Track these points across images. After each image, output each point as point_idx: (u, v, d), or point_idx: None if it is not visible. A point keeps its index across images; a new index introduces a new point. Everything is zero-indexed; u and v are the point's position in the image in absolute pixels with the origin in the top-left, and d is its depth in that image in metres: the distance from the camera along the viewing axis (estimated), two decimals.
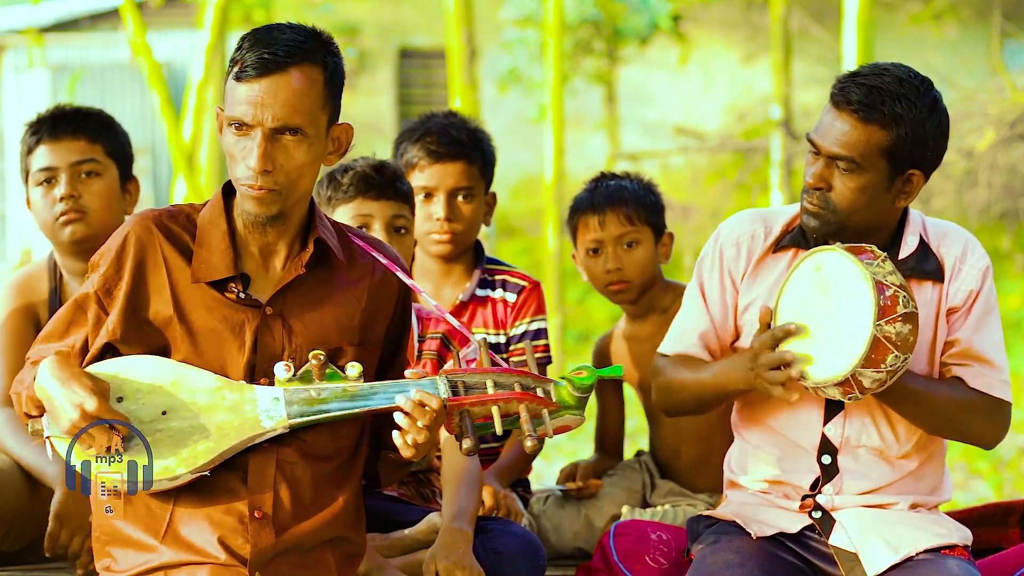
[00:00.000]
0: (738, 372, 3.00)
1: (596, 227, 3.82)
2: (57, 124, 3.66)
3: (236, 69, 2.72)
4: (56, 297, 3.62)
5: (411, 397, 2.66)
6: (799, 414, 3.09)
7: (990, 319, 3.10)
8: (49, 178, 3.63)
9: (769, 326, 2.97)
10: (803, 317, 2.94)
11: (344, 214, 3.43)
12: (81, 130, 3.66)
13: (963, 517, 3.38)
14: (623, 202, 3.82)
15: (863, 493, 3.08)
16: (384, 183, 3.45)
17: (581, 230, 3.86)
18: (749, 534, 3.08)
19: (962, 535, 3.09)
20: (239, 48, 2.73)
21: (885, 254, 2.93)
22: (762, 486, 3.14)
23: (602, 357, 3.97)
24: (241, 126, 2.71)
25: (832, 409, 3.08)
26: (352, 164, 3.49)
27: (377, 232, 3.41)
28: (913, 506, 3.10)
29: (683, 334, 3.19)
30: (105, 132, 3.70)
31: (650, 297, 3.82)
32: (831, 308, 2.91)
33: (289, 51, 2.71)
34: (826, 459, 3.08)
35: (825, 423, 3.08)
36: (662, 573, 3.27)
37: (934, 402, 3.03)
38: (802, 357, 2.91)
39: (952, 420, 3.06)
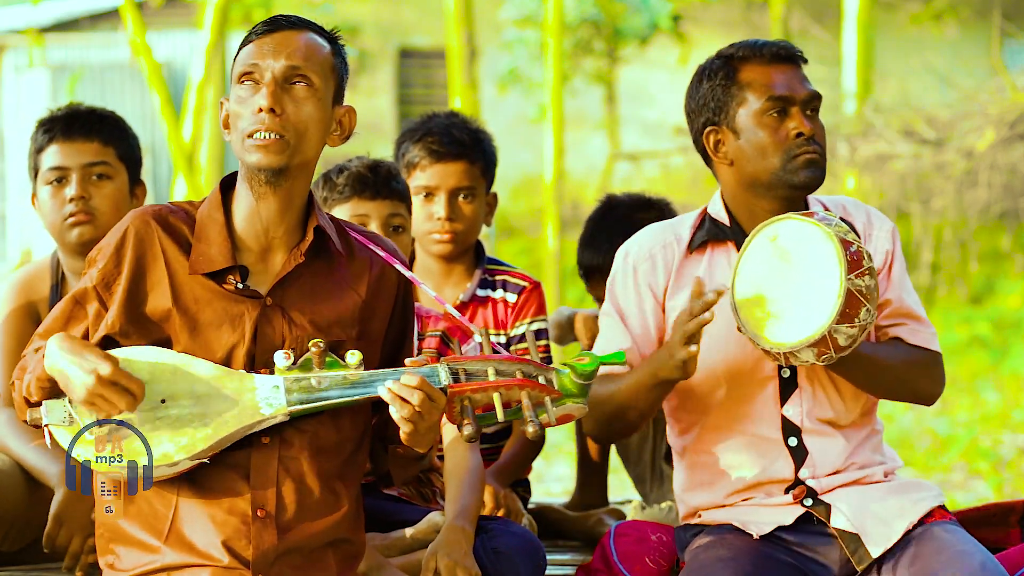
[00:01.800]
0: (662, 360, 2.97)
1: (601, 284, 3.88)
2: (71, 124, 3.65)
3: (245, 39, 2.79)
4: (56, 295, 3.62)
5: (389, 387, 2.66)
6: (756, 403, 3.09)
7: (907, 277, 3.18)
8: (60, 178, 3.63)
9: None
10: (765, 288, 2.94)
11: (340, 215, 3.42)
12: (95, 132, 3.65)
13: (963, 517, 3.38)
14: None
15: (835, 472, 3.09)
16: (380, 182, 3.45)
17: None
18: (741, 533, 3.08)
19: (936, 493, 3.13)
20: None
21: (838, 215, 2.97)
22: (741, 496, 3.13)
23: (562, 330, 4.03)
24: (250, 77, 2.75)
25: (786, 389, 3.08)
26: (347, 164, 3.49)
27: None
28: (885, 474, 3.15)
29: None
30: (118, 135, 3.70)
31: None
32: (795, 273, 2.91)
33: (301, 20, 2.81)
34: (792, 441, 3.09)
35: (782, 404, 3.09)
36: (661, 574, 3.27)
37: (885, 365, 3.07)
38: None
39: (901, 380, 3.11)
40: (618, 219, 3.83)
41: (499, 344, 3.85)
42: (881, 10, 13.69)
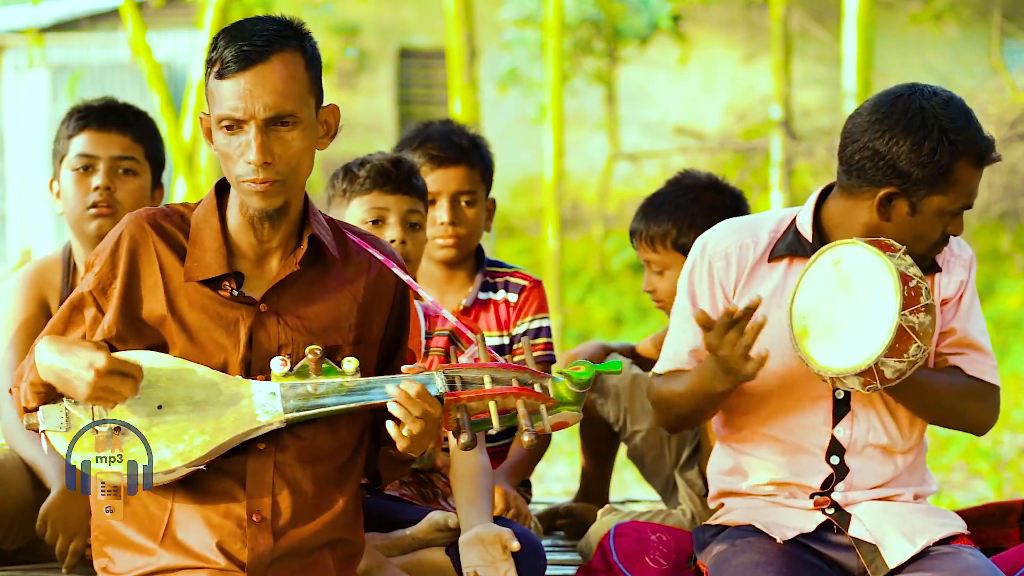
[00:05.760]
0: (714, 371, 2.99)
1: (640, 247, 3.79)
2: (107, 115, 3.69)
3: (217, 68, 2.71)
4: (68, 286, 3.63)
5: (398, 385, 2.66)
6: (807, 418, 3.10)
7: (976, 306, 3.17)
8: (87, 165, 3.65)
9: (708, 328, 2.93)
10: (822, 311, 2.95)
11: (360, 207, 3.43)
12: (129, 127, 3.69)
13: (963, 517, 3.39)
14: (658, 235, 3.72)
15: (872, 488, 3.12)
16: (401, 177, 3.46)
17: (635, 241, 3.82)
18: (764, 536, 3.09)
19: (961, 523, 3.15)
20: (214, 47, 2.72)
21: (904, 247, 2.94)
22: (767, 489, 3.15)
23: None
24: (232, 124, 2.71)
25: (840, 411, 3.10)
26: (369, 157, 3.50)
27: (392, 226, 3.42)
28: (915, 496, 3.16)
29: (676, 354, 3.19)
30: (149, 135, 3.74)
31: None
32: (852, 300, 2.92)
33: (267, 40, 2.71)
34: (834, 459, 3.11)
35: (834, 425, 3.10)
36: (662, 574, 3.27)
37: (939, 392, 3.08)
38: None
39: (954, 409, 3.13)
40: (685, 190, 3.74)
41: (501, 355, 3.86)
42: (881, 10, 13.67)
